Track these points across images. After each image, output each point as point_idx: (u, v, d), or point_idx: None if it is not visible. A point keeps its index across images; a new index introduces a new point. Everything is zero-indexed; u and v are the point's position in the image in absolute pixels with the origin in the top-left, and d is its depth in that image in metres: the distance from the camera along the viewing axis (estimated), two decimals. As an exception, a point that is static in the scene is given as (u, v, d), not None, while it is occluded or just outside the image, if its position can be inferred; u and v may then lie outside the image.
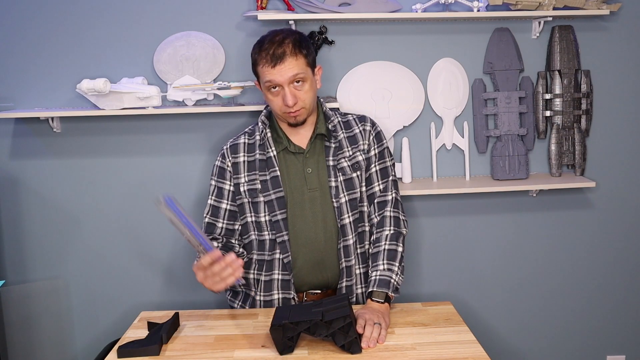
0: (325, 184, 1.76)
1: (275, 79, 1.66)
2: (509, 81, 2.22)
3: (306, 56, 1.70)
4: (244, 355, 1.48)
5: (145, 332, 1.62)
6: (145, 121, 2.19)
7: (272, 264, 1.77)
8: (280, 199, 1.74)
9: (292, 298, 1.78)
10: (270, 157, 1.76)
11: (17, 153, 2.18)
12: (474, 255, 2.35)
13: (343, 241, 1.76)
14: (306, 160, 1.77)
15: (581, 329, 2.43)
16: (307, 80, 1.70)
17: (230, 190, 1.80)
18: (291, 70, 1.66)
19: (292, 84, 1.67)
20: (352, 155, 1.79)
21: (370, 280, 1.72)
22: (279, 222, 1.74)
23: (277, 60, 1.65)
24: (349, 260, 1.77)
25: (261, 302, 1.79)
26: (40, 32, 2.12)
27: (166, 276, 2.29)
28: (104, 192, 2.22)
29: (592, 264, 2.39)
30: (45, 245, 2.24)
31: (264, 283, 1.79)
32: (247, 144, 1.80)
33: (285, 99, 1.67)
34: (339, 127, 1.81)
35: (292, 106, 1.68)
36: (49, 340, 2.28)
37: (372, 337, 1.51)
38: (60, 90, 2.15)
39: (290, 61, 1.65)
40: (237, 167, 1.79)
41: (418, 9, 2.10)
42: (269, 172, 1.75)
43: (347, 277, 1.78)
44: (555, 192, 2.33)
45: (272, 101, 1.71)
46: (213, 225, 1.81)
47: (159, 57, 2.12)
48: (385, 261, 1.73)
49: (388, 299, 1.68)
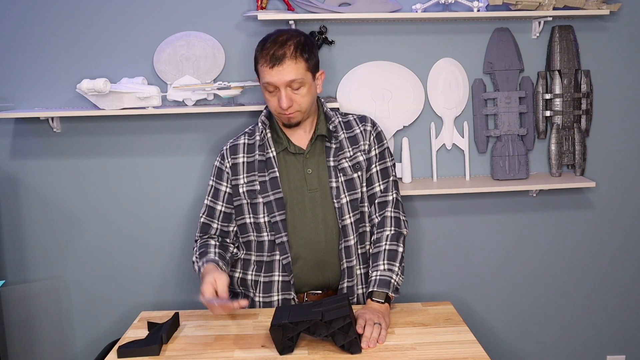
0: (325, 184, 1.76)
1: (272, 81, 1.65)
2: (509, 81, 2.22)
3: (307, 60, 1.68)
4: (244, 355, 1.48)
5: (145, 332, 1.62)
6: (145, 121, 2.19)
7: (272, 265, 1.77)
8: (279, 200, 1.74)
9: (292, 299, 1.77)
10: (270, 157, 1.76)
11: (17, 153, 2.18)
12: (474, 255, 2.35)
13: (344, 242, 1.76)
14: (306, 161, 1.77)
15: (581, 329, 2.43)
16: (305, 84, 1.68)
17: (226, 192, 1.80)
18: (289, 74, 1.64)
19: (288, 87, 1.66)
20: (353, 155, 1.79)
21: (371, 281, 1.72)
22: (277, 223, 1.74)
23: (276, 61, 1.64)
24: (350, 260, 1.77)
25: (260, 303, 1.79)
26: (40, 32, 2.12)
27: (166, 276, 2.29)
28: (104, 192, 2.22)
29: (592, 264, 2.39)
30: (45, 245, 2.24)
31: (263, 284, 1.78)
32: (246, 145, 1.80)
33: (280, 101, 1.66)
34: (339, 127, 1.81)
35: (287, 109, 1.67)
36: (49, 340, 2.28)
37: (372, 337, 1.51)
38: (60, 90, 2.15)
39: (289, 64, 1.64)
40: (236, 168, 1.79)
41: (418, 9, 2.10)
42: (268, 173, 1.75)
43: (348, 278, 1.78)
44: (555, 192, 2.33)
45: (268, 100, 1.72)
46: (208, 226, 1.82)
47: (159, 57, 2.12)
48: (386, 261, 1.73)
49: (388, 299, 1.68)
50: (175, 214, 2.24)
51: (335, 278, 1.79)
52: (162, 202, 2.24)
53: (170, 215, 2.24)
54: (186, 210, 2.22)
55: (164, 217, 2.25)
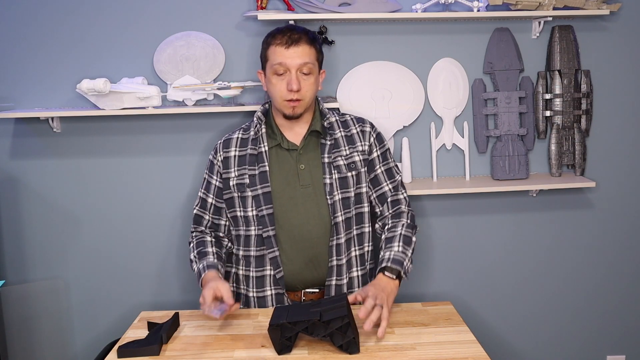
0: (318, 180, 1.77)
1: (286, 62, 1.70)
2: (509, 81, 2.22)
3: (318, 52, 1.77)
4: (243, 355, 1.48)
5: (145, 332, 1.62)
6: (145, 121, 2.19)
7: (263, 259, 1.78)
8: (266, 194, 1.75)
9: (283, 294, 1.78)
10: (262, 152, 1.78)
11: (17, 153, 2.18)
12: (474, 255, 2.35)
13: (336, 239, 1.76)
14: (299, 157, 1.78)
15: (581, 329, 2.43)
16: (313, 74, 1.74)
17: (216, 185, 1.83)
18: (304, 56, 1.71)
19: (299, 72, 1.71)
20: (349, 154, 1.80)
21: (384, 258, 1.71)
22: (264, 217, 1.75)
23: (293, 42, 1.70)
24: (340, 259, 1.77)
25: (254, 298, 1.80)
26: (40, 32, 2.12)
27: (166, 276, 2.29)
28: (104, 192, 2.22)
29: (592, 264, 2.39)
30: (45, 245, 2.24)
31: (255, 279, 1.80)
32: (240, 139, 1.83)
33: (290, 82, 1.70)
34: (336, 125, 1.83)
35: (296, 92, 1.69)
36: (49, 340, 2.28)
37: (371, 318, 1.49)
38: (60, 90, 2.15)
39: (305, 47, 1.71)
40: (228, 161, 1.81)
41: (418, 9, 2.10)
42: (258, 167, 1.77)
43: (337, 276, 1.78)
44: (555, 192, 2.33)
45: (274, 86, 1.73)
46: (201, 217, 1.86)
47: (159, 57, 2.12)
48: (401, 244, 1.74)
49: (399, 278, 1.68)
50: (175, 214, 2.24)
51: (327, 275, 1.79)
52: (162, 202, 2.24)
53: (170, 215, 2.24)
54: (186, 210, 2.22)
55: (164, 217, 2.25)
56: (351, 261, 1.81)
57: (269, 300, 1.79)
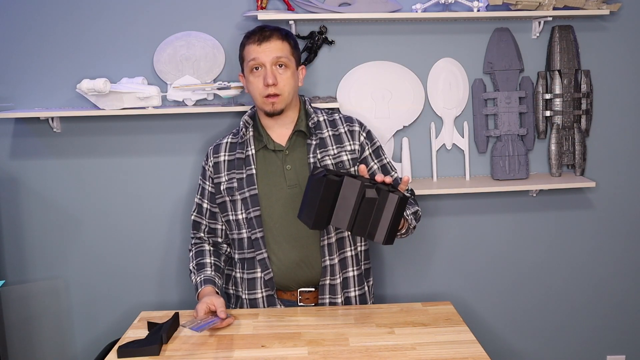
0: (305, 180, 1.76)
1: (259, 57, 1.72)
2: (509, 81, 2.22)
3: (293, 47, 1.78)
4: (244, 355, 1.48)
5: (145, 332, 1.62)
6: (145, 121, 2.19)
7: (254, 262, 1.79)
8: (253, 197, 1.76)
9: (273, 295, 1.78)
10: (249, 155, 1.79)
11: (17, 153, 2.18)
12: (474, 255, 2.35)
13: (327, 239, 1.77)
14: (286, 158, 1.78)
15: (581, 329, 2.43)
16: (290, 68, 1.75)
17: (209, 191, 1.86)
18: (276, 51, 1.72)
19: (274, 66, 1.73)
20: (336, 154, 1.80)
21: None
22: (252, 220, 1.76)
23: (264, 39, 1.73)
24: (332, 258, 1.77)
25: (246, 300, 1.81)
26: (40, 32, 2.12)
27: (166, 276, 2.29)
28: (104, 192, 2.22)
29: (592, 264, 2.39)
30: (45, 245, 2.24)
31: (247, 281, 1.80)
32: (229, 144, 1.85)
33: (265, 77, 1.71)
34: (323, 124, 1.83)
35: (272, 86, 1.71)
36: (49, 340, 2.28)
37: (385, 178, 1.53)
38: (60, 90, 2.15)
39: (276, 42, 1.73)
40: (218, 166, 1.83)
41: (418, 9, 2.10)
42: (246, 170, 1.79)
43: (330, 276, 1.77)
44: (555, 192, 2.33)
45: (252, 84, 1.75)
46: (199, 223, 1.88)
47: (159, 57, 2.12)
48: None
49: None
50: (175, 214, 2.24)
51: (320, 275, 1.79)
52: (161, 202, 2.24)
53: (170, 215, 2.24)
54: (186, 210, 2.22)
55: (164, 217, 2.25)
56: (346, 261, 1.81)
57: (260, 302, 1.79)
